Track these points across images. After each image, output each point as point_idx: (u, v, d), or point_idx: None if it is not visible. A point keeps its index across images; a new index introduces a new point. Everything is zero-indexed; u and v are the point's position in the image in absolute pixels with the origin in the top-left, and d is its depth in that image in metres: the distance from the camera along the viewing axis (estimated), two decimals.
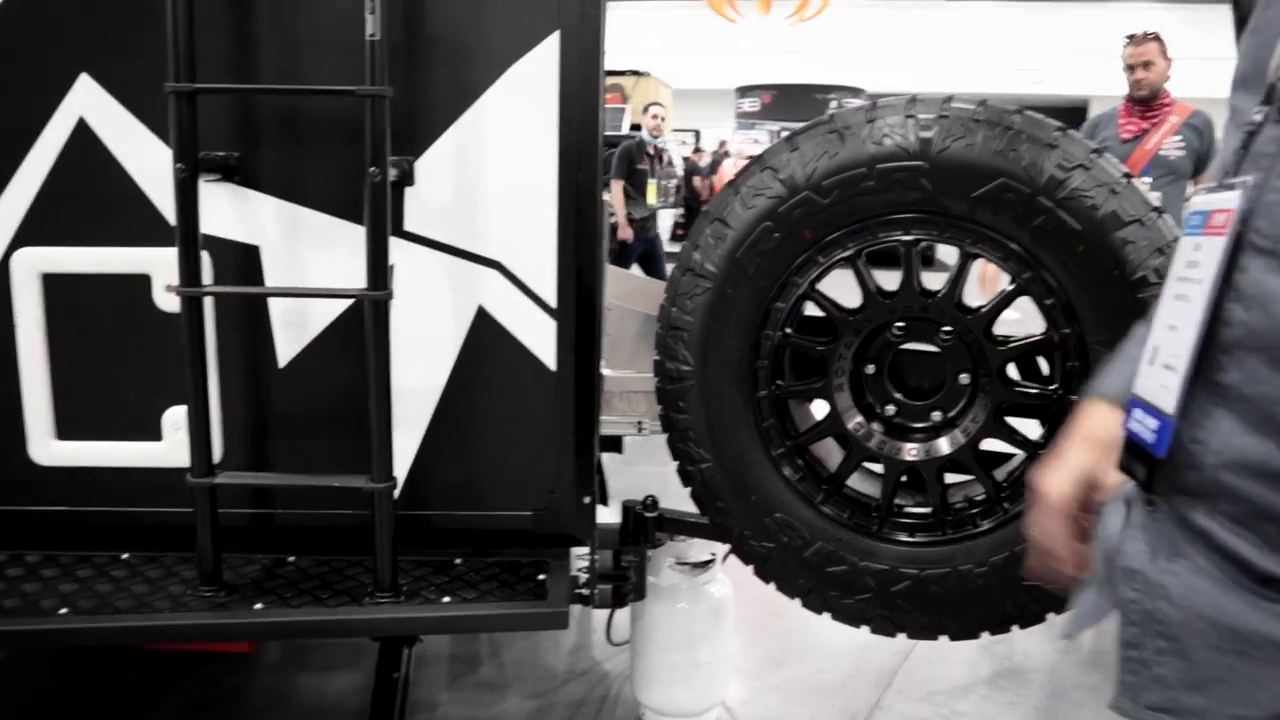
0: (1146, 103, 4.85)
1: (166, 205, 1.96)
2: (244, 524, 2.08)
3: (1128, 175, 1.79)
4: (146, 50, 1.89)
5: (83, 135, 1.98)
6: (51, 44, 1.95)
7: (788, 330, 1.98)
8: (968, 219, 1.83)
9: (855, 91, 24.78)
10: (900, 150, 1.82)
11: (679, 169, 15.28)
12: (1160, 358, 0.93)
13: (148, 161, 1.97)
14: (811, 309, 2.08)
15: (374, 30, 1.76)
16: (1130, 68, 4.85)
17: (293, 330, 2.03)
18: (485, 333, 2.02)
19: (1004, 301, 1.92)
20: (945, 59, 27.82)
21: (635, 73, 14.66)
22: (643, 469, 2.84)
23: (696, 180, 14.96)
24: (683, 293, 1.98)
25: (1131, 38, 4.87)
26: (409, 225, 1.99)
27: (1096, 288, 1.81)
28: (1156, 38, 4.84)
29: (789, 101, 23.12)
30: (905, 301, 1.96)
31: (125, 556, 2.08)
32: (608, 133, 2.25)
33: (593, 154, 1.98)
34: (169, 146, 1.80)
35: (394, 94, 1.79)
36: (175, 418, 2.03)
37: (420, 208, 1.99)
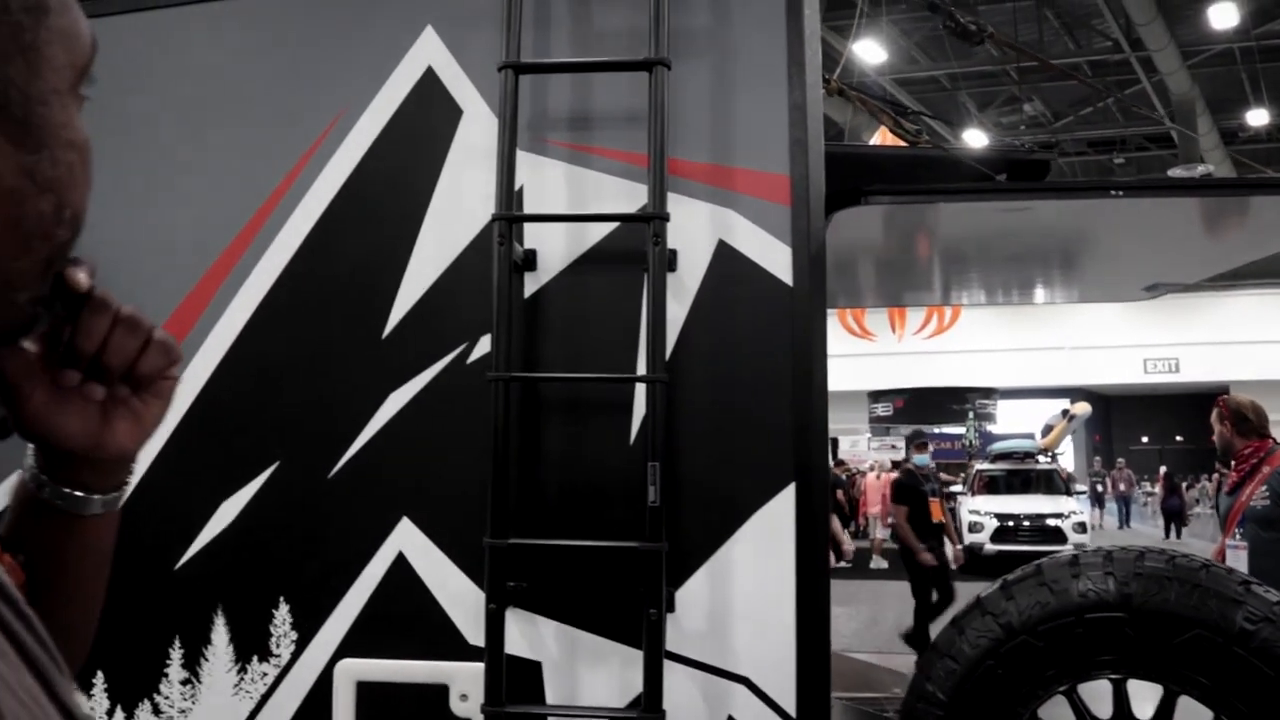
0: (1225, 459, 5.21)
1: (465, 627, 2.39)
2: None
3: None
4: (454, 499, 2.40)
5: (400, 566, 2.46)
6: (380, 493, 2.48)
7: None
8: (1167, 662, 2.11)
9: (987, 392, 25.06)
10: (1103, 602, 2.14)
11: None
12: None
13: (452, 590, 2.42)
14: None
15: (654, 498, 2.21)
16: None
17: None
18: None
19: None
20: (1073, 356, 27.98)
21: None
22: None
23: (839, 494, 15.12)
24: (917, 717, 2.28)
25: None
26: (670, 646, 2.34)
27: None
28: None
29: (922, 405, 23.46)
30: None
31: None
32: None
33: (824, 578, 2.33)
34: (468, 578, 2.26)
35: (667, 547, 2.22)
36: None
37: (679, 631, 2.35)
